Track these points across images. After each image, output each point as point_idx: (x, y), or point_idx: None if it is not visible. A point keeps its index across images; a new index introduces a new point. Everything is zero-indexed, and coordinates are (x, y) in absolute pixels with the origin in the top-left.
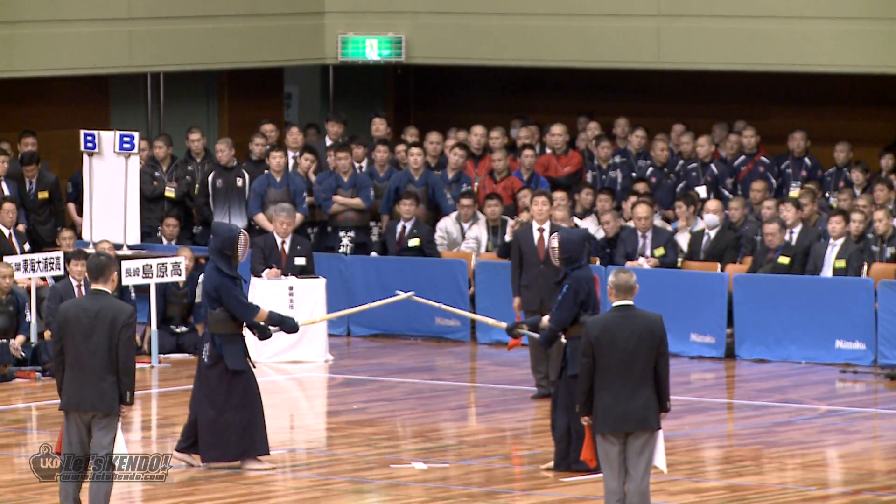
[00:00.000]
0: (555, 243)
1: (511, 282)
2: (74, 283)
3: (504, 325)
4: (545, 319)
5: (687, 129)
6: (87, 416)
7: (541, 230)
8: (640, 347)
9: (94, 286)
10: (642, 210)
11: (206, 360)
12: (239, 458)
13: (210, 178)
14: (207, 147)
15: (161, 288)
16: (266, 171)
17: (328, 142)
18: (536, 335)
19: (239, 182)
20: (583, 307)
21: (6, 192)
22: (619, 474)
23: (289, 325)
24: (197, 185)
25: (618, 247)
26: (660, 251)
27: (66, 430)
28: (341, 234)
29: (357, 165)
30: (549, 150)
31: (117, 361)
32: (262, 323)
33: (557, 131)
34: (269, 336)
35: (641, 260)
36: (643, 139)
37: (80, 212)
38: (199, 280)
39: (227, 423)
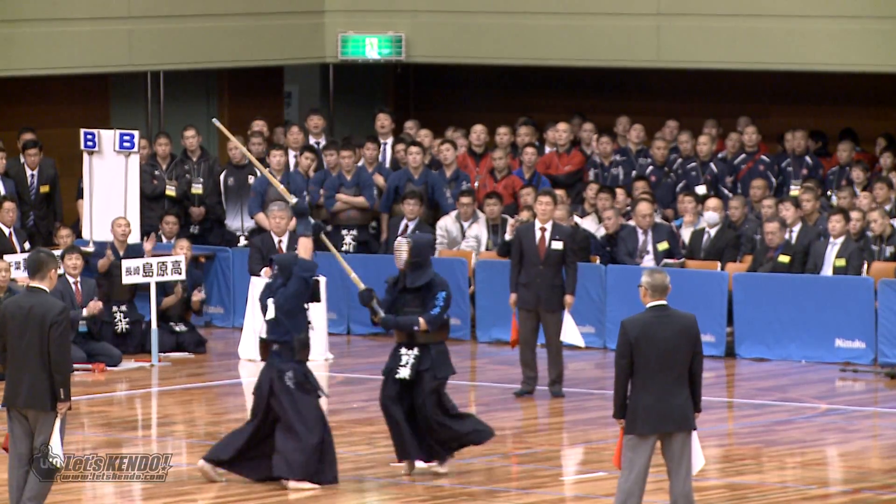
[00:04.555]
0: (405, 247)
1: (510, 279)
2: (71, 279)
3: (361, 286)
4: (422, 321)
5: (681, 127)
6: (26, 411)
7: (543, 229)
8: (679, 347)
9: (31, 283)
10: (644, 207)
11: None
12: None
13: (222, 176)
14: (203, 145)
15: (160, 284)
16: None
17: (311, 139)
18: (381, 315)
19: (251, 180)
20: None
21: (2, 190)
22: (641, 477)
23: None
24: (195, 184)
25: (618, 245)
26: (663, 245)
27: (9, 425)
28: (344, 232)
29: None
30: (548, 149)
31: (49, 359)
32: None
33: (562, 128)
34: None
35: (647, 258)
36: (642, 136)
37: None
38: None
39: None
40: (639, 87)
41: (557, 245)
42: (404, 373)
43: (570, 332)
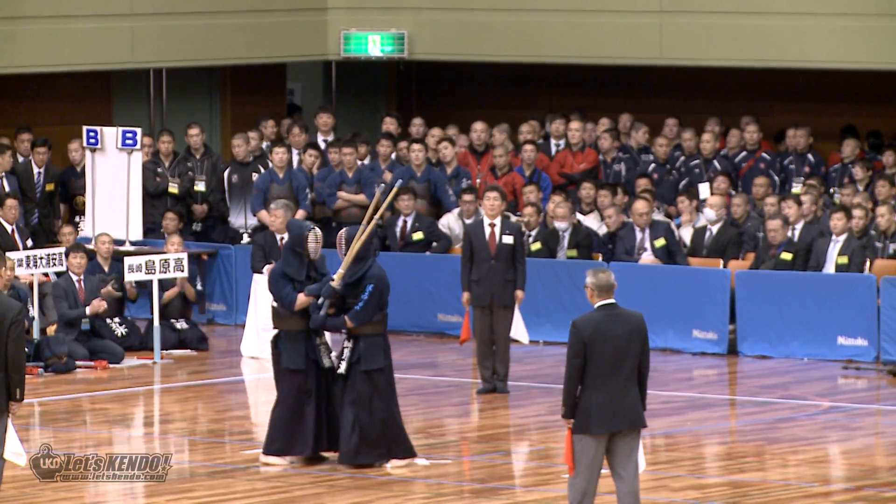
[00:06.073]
0: (342, 240)
1: (461, 277)
2: (74, 277)
3: (336, 285)
4: (347, 319)
5: (681, 124)
6: None
7: (492, 225)
8: (630, 345)
9: None
10: (641, 205)
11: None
12: (284, 454)
13: (226, 174)
14: (207, 143)
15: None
16: (268, 167)
17: (319, 136)
18: (318, 314)
19: (255, 177)
20: (380, 308)
21: (7, 188)
22: (596, 476)
23: (328, 291)
24: (198, 182)
25: (617, 244)
26: (660, 242)
27: None
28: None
29: (360, 162)
30: (553, 146)
31: (6, 358)
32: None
33: (575, 127)
34: (323, 310)
35: (645, 255)
36: (646, 134)
37: (70, 213)
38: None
39: (275, 416)
40: (641, 84)
41: (508, 239)
42: (342, 367)
43: (518, 328)
